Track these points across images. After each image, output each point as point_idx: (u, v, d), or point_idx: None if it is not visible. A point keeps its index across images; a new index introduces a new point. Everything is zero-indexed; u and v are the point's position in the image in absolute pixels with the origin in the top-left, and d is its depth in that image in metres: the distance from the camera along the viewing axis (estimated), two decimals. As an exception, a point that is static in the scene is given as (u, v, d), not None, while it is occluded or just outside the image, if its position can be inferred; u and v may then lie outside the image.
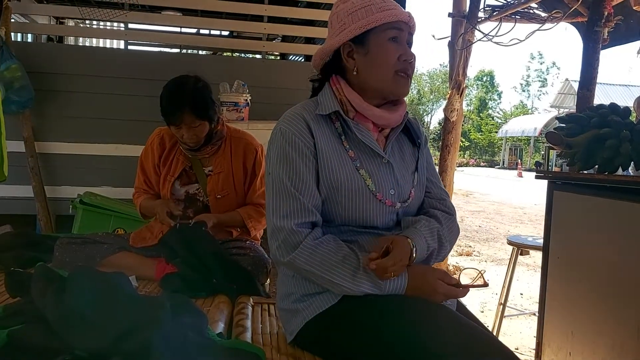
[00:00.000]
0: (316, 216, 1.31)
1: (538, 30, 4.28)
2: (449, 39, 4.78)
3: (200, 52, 7.49)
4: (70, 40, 6.40)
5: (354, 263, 1.24)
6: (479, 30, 4.49)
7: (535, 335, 2.36)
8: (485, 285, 1.36)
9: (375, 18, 1.31)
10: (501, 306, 3.15)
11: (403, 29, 1.34)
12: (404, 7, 1.48)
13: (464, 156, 38.10)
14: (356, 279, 1.23)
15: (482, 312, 3.94)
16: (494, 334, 2.95)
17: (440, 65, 44.67)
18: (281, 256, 1.28)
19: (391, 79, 1.34)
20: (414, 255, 1.27)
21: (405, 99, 1.43)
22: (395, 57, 1.33)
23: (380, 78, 1.34)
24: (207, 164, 2.28)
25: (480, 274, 1.41)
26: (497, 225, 8.76)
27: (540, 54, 46.37)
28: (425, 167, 1.50)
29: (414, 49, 1.37)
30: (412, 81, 1.47)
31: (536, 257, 5.45)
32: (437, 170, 1.59)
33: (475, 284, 1.35)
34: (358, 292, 1.24)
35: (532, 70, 43.68)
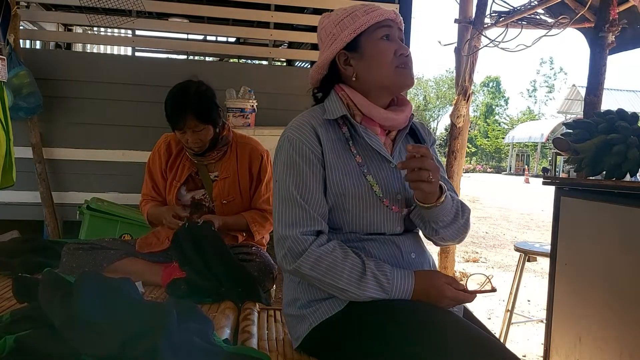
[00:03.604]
0: (322, 225, 1.31)
1: (544, 36, 4.28)
2: (455, 44, 4.78)
3: (206, 58, 7.52)
4: (78, 47, 6.45)
5: (360, 268, 1.24)
6: (485, 36, 4.48)
7: (543, 342, 2.35)
8: (494, 290, 1.34)
9: (363, 21, 1.33)
10: (508, 313, 3.13)
11: (392, 26, 1.36)
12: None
13: (470, 162, 38.03)
14: (362, 284, 1.23)
15: (489, 318, 3.92)
16: (501, 340, 2.93)
17: (447, 71, 44.65)
18: (287, 264, 1.28)
19: (393, 74, 1.35)
20: (444, 191, 1.29)
21: (411, 100, 1.43)
22: (391, 53, 1.34)
23: (383, 75, 1.35)
24: (213, 169, 2.28)
25: (488, 280, 1.40)
26: (504, 231, 8.71)
27: (551, 59, 46.29)
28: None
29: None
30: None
31: (543, 263, 5.43)
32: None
33: (483, 289, 1.34)
34: (364, 297, 1.23)
35: (539, 75, 43.66)
